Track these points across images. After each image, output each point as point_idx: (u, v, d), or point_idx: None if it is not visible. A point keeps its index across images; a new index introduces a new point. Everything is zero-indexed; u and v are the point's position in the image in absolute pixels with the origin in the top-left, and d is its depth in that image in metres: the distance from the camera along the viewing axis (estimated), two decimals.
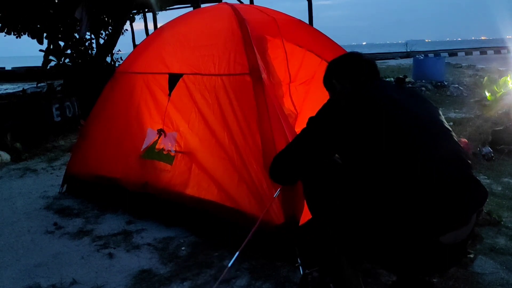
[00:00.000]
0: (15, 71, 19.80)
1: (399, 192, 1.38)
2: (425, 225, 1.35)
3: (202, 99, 2.61)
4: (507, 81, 6.22)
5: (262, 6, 3.41)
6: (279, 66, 2.84)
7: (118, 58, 8.61)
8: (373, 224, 1.42)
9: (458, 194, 1.38)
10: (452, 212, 1.36)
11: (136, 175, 2.86)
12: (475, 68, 12.25)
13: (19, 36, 8.01)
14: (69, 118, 6.00)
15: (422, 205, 1.35)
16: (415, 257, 1.41)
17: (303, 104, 3.43)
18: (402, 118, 1.48)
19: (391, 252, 1.44)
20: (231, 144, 2.41)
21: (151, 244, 2.53)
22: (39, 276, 2.24)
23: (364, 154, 1.46)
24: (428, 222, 1.34)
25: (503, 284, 1.98)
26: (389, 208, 1.38)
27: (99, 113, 3.27)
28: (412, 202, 1.35)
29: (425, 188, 1.36)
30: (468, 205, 1.40)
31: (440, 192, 1.36)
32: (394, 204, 1.37)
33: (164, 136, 2.79)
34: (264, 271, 2.14)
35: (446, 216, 1.35)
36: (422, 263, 1.44)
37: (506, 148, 3.99)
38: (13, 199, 3.46)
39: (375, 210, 1.41)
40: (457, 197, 1.38)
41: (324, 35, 3.22)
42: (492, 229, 2.51)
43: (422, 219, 1.34)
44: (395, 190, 1.38)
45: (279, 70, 2.77)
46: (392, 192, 1.39)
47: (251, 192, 2.28)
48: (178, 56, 2.87)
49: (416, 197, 1.35)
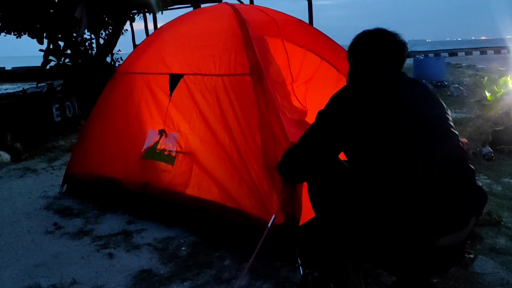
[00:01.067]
0: (15, 71, 19.79)
1: (399, 191, 1.37)
2: (422, 228, 1.34)
3: (202, 100, 2.61)
4: (507, 81, 6.22)
5: (262, 6, 3.41)
6: (281, 66, 2.84)
7: (118, 58, 8.62)
8: (373, 223, 1.42)
9: (457, 196, 1.37)
10: (450, 215, 1.35)
11: (136, 175, 2.86)
12: (475, 68, 12.26)
13: (19, 36, 8.01)
14: (69, 118, 6.00)
15: (421, 206, 1.34)
16: (413, 259, 1.41)
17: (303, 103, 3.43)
18: (409, 117, 1.44)
19: (390, 252, 1.44)
20: (231, 144, 2.41)
21: (151, 244, 2.53)
22: (39, 276, 2.24)
23: (366, 150, 1.45)
24: (426, 224, 1.34)
25: (503, 284, 1.98)
26: (389, 208, 1.38)
27: (99, 113, 3.27)
28: (411, 203, 1.35)
29: (425, 189, 1.35)
30: (467, 208, 1.39)
31: (439, 194, 1.35)
32: (394, 203, 1.37)
33: (165, 137, 2.79)
34: (264, 271, 2.14)
35: (444, 219, 1.34)
36: (419, 264, 1.43)
37: (506, 148, 3.99)
38: (13, 199, 3.46)
39: (376, 209, 1.41)
40: (457, 199, 1.36)
41: (324, 34, 3.22)
42: (492, 229, 2.51)
43: (420, 221, 1.34)
44: (396, 190, 1.38)
45: (282, 69, 2.76)
46: (392, 191, 1.38)
47: (252, 192, 2.28)
48: (179, 56, 2.87)
49: (415, 198, 1.35)
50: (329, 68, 3.16)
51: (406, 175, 1.38)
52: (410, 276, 1.60)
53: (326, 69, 3.16)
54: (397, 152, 1.40)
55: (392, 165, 1.40)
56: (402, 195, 1.36)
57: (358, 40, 1.63)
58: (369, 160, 1.44)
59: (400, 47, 1.57)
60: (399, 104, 1.45)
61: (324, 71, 3.18)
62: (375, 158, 1.43)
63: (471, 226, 1.42)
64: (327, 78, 3.18)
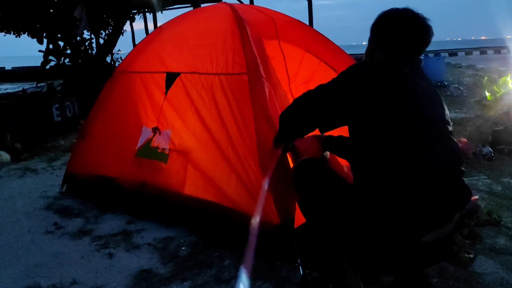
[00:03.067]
0: (15, 71, 19.78)
1: (393, 188, 1.40)
2: (409, 226, 1.38)
3: (199, 98, 2.62)
4: (507, 81, 6.22)
5: (261, 6, 3.42)
6: (277, 66, 2.84)
7: (118, 58, 8.62)
8: (367, 221, 1.44)
9: (443, 195, 1.40)
10: (434, 213, 1.39)
11: (134, 174, 2.86)
12: (475, 68, 12.25)
13: (18, 35, 8.02)
14: (69, 118, 6.01)
15: (410, 203, 1.37)
16: (403, 255, 1.44)
17: None
18: (414, 113, 1.43)
19: (382, 250, 1.46)
20: (228, 144, 2.42)
21: (151, 244, 2.53)
22: (39, 276, 2.23)
23: (365, 136, 1.47)
24: (412, 222, 1.38)
25: (503, 284, 1.97)
26: (381, 204, 1.40)
27: (98, 112, 3.27)
28: (402, 199, 1.37)
29: (418, 187, 1.37)
30: (450, 205, 1.43)
31: (429, 193, 1.38)
32: (382, 200, 1.40)
33: (159, 134, 2.79)
34: (264, 271, 2.14)
35: (428, 217, 1.38)
36: (409, 260, 1.46)
37: (506, 148, 3.99)
38: (13, 199, 3.46)
39: (369, 208, 1.43)
40: (442, 198, 1.40)
41: (323, 35, 3.22)
42: (492, 229, 2.51)
43: (407, 219, 1.37)
44: (389, 186, 1.40)
45: (278, 70, 2.76)
46: (387, 188, 1.41)
47: (249, 192, 2.28)
48: (177, 55, 2.88)
49: (406, 195, 1.37)
50: (327, 69, 3.15)
51: (396, 171, 1.39)
52: (402, 271, 1.61)
53: (325, 70, 3.15)
54: (397, 147, 1.40)
55: (390, 162, 1.41)
56: (395, 192, 1.39)
57: (381, 17, 1.56)
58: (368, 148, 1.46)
59: (424, 33, 1.50)
60: (407, 97, 1.43)
61: (322, 72, 3.17)
62: (369, 149, 1.44)
63: (455, 221, 1.46)
64: (325, 79, 3.16)
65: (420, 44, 1.51)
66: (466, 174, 1.59)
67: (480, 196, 3.03)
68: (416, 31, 1.50)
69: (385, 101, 1.41)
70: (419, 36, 1.50)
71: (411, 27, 1.50)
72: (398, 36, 1.50)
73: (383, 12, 1.56)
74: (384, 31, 1.54)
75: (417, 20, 1.50)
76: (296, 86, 3.33)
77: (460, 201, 1.47)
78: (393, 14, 1.54)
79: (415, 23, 1.50)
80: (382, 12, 1.56)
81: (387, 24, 1.54)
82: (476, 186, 3.23)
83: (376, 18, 1.57)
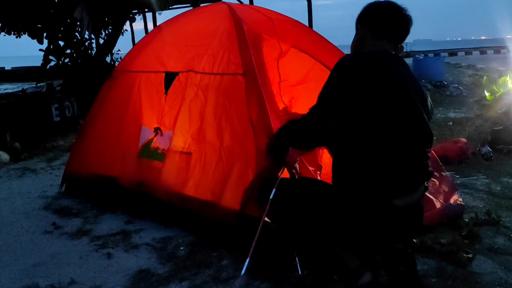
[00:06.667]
0: (15, 71, 19.77)
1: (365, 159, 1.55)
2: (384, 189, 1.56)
3: (196, 98, 2.63)
4: (506, 81, 6.23)
5: (259, 6, 3.42)
6: (272, 66, 2.84)
7: (117, 58, 8.61)
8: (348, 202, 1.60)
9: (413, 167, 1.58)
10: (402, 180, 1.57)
11: (132, 174, 2.87)
12: (474, 68, 12.24)
13: (19, 35, 8.01)
14: (69, 118, 6.00)
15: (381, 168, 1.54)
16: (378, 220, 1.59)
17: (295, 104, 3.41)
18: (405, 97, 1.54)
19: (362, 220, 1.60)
20: (224, 143, 2.42)
21: (150, 244, 2.53)
22: (38, 276, 2.23)
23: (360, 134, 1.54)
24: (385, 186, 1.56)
25: (501, 284, 1.98)
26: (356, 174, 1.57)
27: (97, 112, 3.27)
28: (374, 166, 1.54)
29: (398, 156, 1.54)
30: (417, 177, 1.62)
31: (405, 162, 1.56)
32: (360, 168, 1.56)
33: (160, 135, 2.79)
34: (263, 271, 2.13)
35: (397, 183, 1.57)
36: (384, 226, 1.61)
37: (505, 147, 3.99)
38: (12, 199, 3.46)
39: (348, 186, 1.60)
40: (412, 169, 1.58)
41: (321, 36, 3.22)
42: (491, 229, 2.51)
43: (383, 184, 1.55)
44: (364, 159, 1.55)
45: (272, 69, 2.77)
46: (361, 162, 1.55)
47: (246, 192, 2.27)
48: (175, 54, 2.88)
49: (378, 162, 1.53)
50: (322, 69, 3.15)
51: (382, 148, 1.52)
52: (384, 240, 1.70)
53: (320, 70, 3.14)
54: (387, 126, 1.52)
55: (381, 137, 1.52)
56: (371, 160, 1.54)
57: (369, 7, 1.65)
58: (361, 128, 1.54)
59: (408, 21, 1.61)
60: (398, 87, 1.54)
61: (317, 72, 3.16)
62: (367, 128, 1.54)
63: (421, 192, 1.65)
64: (320, 80, 3.14)
65: (405, 33, 1.63)
66: (465, 174, 1.69)
67: (479, 196, 3.03)
68: (403, 20, 1.60)
69: (385, 101, 1.51)
70: (405, 25, 1.61)
71: (398, 16, 1.60)
72: (388, 24, 1.60)
73: (370, 3, 1.65)
74: (375, 19, 1.62)
75: (403, 11, 1.60)
76: (290, 85, 3.32)
77: (424, 176, 1.65)
78: (381, 4, 1.63)
79: (402, 14, 1.60)
80: (369, 4, 1.65)
81: (377, 13, 1.62)
82: (475, 186, 3.23)
83: (364, 9, 1.66)
